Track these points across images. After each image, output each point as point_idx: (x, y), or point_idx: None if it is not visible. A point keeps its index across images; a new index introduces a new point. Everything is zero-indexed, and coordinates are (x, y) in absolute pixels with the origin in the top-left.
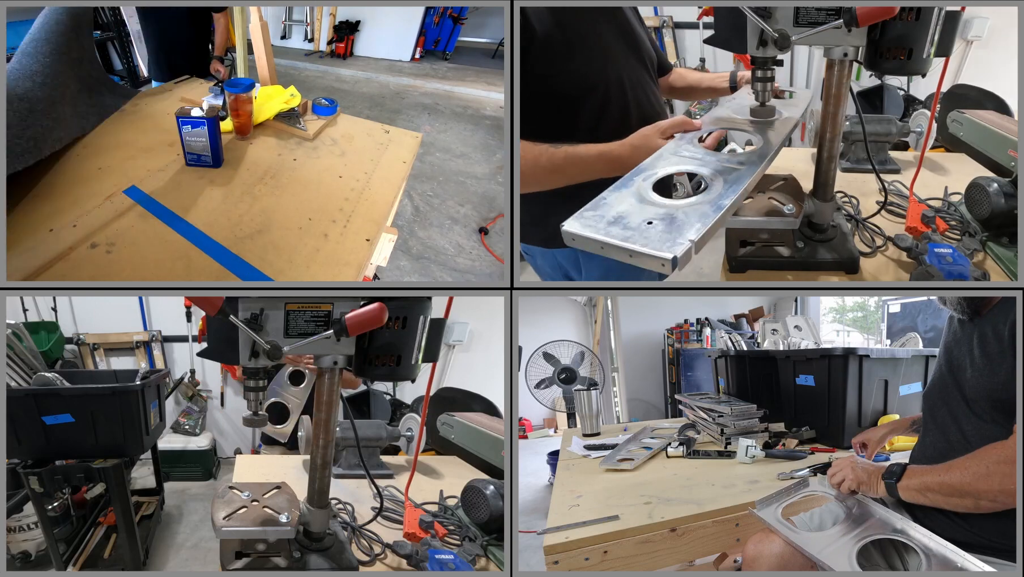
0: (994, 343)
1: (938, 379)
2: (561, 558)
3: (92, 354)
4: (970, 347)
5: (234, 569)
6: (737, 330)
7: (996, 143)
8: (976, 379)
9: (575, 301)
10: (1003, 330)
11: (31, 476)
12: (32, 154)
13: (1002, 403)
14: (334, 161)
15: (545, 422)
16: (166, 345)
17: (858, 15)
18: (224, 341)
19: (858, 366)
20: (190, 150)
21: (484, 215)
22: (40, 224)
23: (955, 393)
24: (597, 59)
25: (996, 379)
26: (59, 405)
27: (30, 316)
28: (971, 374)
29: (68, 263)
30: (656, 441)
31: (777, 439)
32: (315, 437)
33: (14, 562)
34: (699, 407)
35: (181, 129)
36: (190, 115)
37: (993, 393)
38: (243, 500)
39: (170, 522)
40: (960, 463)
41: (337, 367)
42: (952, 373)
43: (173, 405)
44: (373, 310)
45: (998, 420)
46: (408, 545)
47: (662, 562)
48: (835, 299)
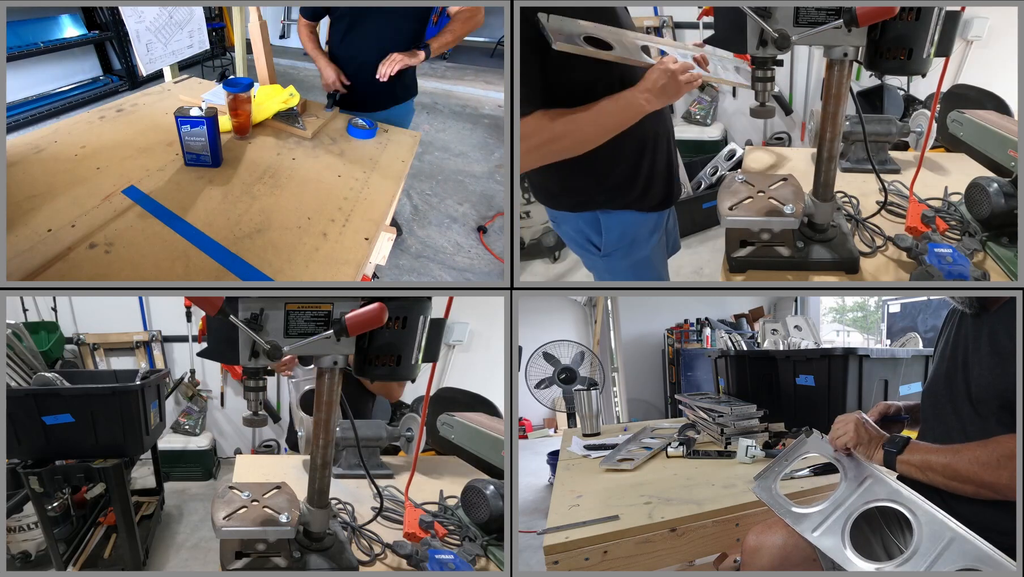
0: (1006, 341)
1: (942, 375)
2: (561, 558)
3: (92, 354)
4: (978, 344)
5: (234, 569)
6: (737, 330)
7: (996, 143)
8: (985, 378)
9: (575, 301)
10: (1015, 328)
11: (31, 476)
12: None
13: (1012, 404)
14: (333, 160)
15: (545, 422)
16: (166, 345)
17: (858, 15)
18: (224, 341)
19: (858, 366)
20: (189, 150)
21: (483, 214)
22: (39, 224)
23: (961, 391)
24: (600, 64)
25: (1008, 379)
26: (59, 405)
27: (30, 316)
28: (978, 372)
29: (67, 263)
30: (656, 441)
31: (777, 439)
32: (315, 437)
33: (14, 562)
34: (699, 407)
35: (180, 129)
36: (189, 115)
37: (1004, 393)
38: (243, 500)
39: (170, 522)
40: (970, 449)
41: (337, 367)
42: (958, 370)
43: (173, 405)
44: (373, 310)
45: (1004, 421)
46: (408, 545)
47: (662, 562)
48: (835, 299)
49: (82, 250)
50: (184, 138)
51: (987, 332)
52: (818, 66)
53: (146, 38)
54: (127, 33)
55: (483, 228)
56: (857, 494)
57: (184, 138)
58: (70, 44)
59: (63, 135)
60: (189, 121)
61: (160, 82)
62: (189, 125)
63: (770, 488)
